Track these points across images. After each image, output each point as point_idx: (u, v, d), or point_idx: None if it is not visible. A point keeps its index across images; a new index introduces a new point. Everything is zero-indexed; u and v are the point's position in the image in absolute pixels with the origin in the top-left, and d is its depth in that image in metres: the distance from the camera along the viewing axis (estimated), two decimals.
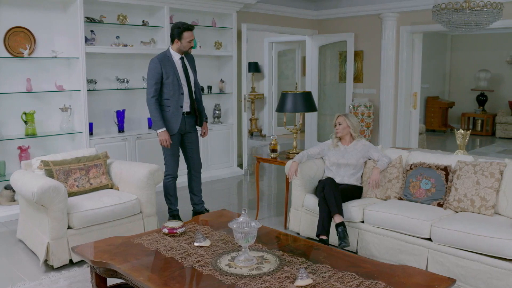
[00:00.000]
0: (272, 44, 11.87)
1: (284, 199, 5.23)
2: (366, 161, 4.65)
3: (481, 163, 4.02)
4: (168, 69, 4.74)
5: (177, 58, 4.83)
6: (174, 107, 4.79)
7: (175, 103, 4.79)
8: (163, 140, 4.76)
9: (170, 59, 4.79)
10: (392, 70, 8.33)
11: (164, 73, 4.72)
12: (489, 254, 3.45)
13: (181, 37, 4.74)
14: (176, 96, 4.78)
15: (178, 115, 4.82)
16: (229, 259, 2.97)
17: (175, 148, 4.92)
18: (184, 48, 4.79)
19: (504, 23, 6.38)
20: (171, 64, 4.77)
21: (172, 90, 4.76)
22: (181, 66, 4.84)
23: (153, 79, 4.71)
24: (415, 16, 7.98)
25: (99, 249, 3.14)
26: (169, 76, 4.74)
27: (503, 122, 11.44)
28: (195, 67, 5.06)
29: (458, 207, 3.99)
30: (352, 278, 2.70)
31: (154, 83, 4.71)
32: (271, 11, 8.22)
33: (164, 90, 4.77)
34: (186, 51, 4.82)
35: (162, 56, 4.79)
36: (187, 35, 4.75)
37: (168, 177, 4.98)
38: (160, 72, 4.70)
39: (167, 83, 4.74)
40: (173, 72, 4.76)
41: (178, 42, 4.76)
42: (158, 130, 4.75)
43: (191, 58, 5.02)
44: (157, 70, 4.71)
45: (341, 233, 4.06)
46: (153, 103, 4.72)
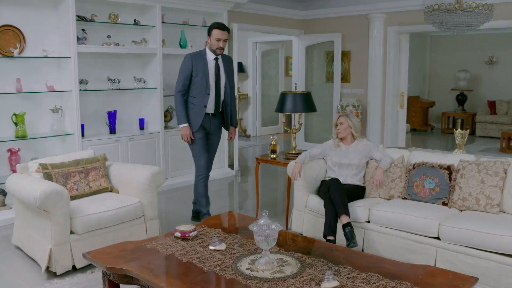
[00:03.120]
0: (256, 44, 11.84)
1: (285, 200, 5.21)
2: (368, 161, 4.65)
3: (484, 162, 4.07)
4: (199, 67, 4.72)
5: (211, 58, 4.78)
6: (198, 106, 4.79)
7: (199, 102, 4.77)
8: (184, 135, 4.80)
9: (204, 58, 4.76)
10: (380, 70, 8.40)
11: (194, 70, 4.71)
12: (498, 252, 3.49)
13: (210, 34, 4.72)
14: (201, 95, 4.76)
15: (200, 115, 4.80)
16: (249, 263, 2.92)
17: (201, 143, 4.91)
18: (212, 46, 4.73)
19: (493, 24, 6.49)
20: (203, 63, 4.74)
21: (199, 88, 4.74)
22: (213, 66, 4.79)
23: (182, 74, 4.75)
24: (402, 16, 8.07)
25: (112, 255, 3.05)
26: (199, 74, 4.72)
27: (482, 121, 11.67)
28: (232, 69, 5.01)
29: (463, 205, 4.02)
30: (376, 279, 2.69)
31: (183, 78, 4.74)
32: (260, 11, 8.19)
33: (191, 87, 4.77)
34: (215, 51, 4.75)
35: (197, 54, 4.80)
36: (216, 33, 4.69)
37: (200, 177, 4.94)
38: (190, 68, 4.71)
39: (195, 81, 4.73)
40: (203, 71, 4.73)
41: (209, 39, 4.74)
42: (180, 125, 4.79)
43: (229, 60, 4.98)
44: (187, 66, 4.72)
45: (349, 234, 4.04)
46: (178, 98, 4.76)
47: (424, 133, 12.47)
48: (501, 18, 6.51)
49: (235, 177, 7.51)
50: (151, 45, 6.34)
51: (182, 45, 6.79)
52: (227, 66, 4.93)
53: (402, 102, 8.57)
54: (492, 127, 11.50)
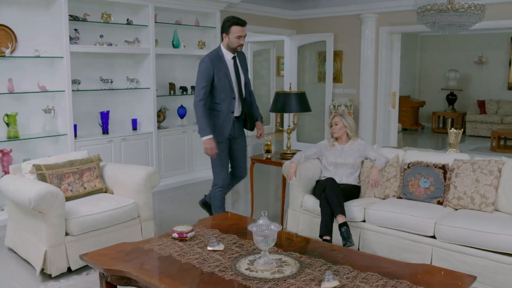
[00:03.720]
0: (248, 44, 11.82)
1: (280, 200, 5.20)
2: (363, 161, 4.67)
3: (479, 161, 4.10)
4: (220, 71, 4.27)
5: (229, 58, 4.33)
6: (225, 113, 4.34)
7: (226, 109, 4.33)
8: (208, 148, 4.27)
9: (222, 59, 4.30)
10: (372, 70, 8.44)
11: (215, 75, 4.24)
12: (494, 250, 3.52)
13: (228, 31, 4.23)
14: (227, 100, 4.32)
15: (228, 121, 4.36)
16: (247, 263, 2.91)
17: (223, 156, 4.47)
18: (232, 45, 4.26)
19: (483, 24, 6.54)
20: (224, 65, 4.29)
21: (224, 94, 4.29)
22: (233, 66, 4.35)
23: (203, 81, 4.22)
24: (394, 17, 8.11)
25: (109, 256, 3.02)
26: (221, 78, 4.26)
27: (472, 120, 11.77)
28: (247, 64, 4.58)
29: (458, 204, 4.05)
30: (376, 279, 2.69)
31: (204, 85, 4.22)
32: (253, 11, 8.19)
33: (215, 93, 4.29)
34: (235, 49, 4.30)
35: (214, 56, 4.30)
36: (235, 29, 4.21)
37: (217, 188, 4.57)
38: (211, 73, 4.22)
39: (219, 86, 4.27)
40: (225, 74, 4.29)
41: (226, 37, 4.25)
42: (204, 137, 4.26)
43: (242, 55, 4.51)
44: (208, 71, 4.22)
45: (345, 233, 4.05)
46: (200, 107, 4.24)
47: (415, 133, 12.55)
48: (490, 18, 6.57)
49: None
50: (143, 45, 6.31)
51: (175, 45, 6.76)
52: (243, 62, 4.50)
53: (394, 101, 8.61)
54: (482, 127, 11.60)
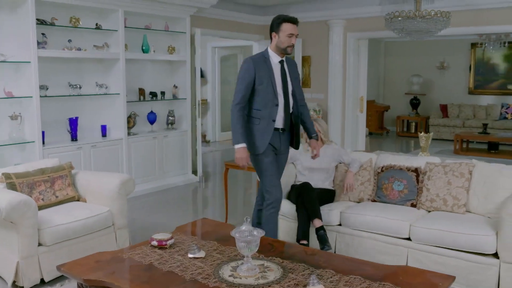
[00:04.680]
0: (215, 49, 11.81)
1: None
2: (337, 165, 4.72)
3: (450, 164, 4.21)
4: (263, 73, 3.83)
5: (276, 61, 3.89)
6: (265, 121, 3.86)
7: (266, 116, 3.86)
8: (239, 158, 3.80)
9: (267, 61, 3.87)
10: (340, 75, 8.56)
11: (257, 78, 3.81)
12: (466, 250, 3.62)
13: (279, 29, 3.79)
14: (269, 107, 3.85)
15: (268, 131, 3.87)
16: (230, 270, 2.89)
17: (275, 172, 3.97)
18: (282, 44, 3.80)
19: (445, 31, 6.71)
20: (268, 68, 3.85)
21: (265, 99, 3.84)
22: (279, 71, 3.89)
23: (243, 83, 3.82)
24: (361, 23, 8.25)
25: (87, 266, 2.94)
26: (263, 81, 3.82)
27: (435, 124, 12.08)
28: (298, 74, 4.11)
29: (431, 206, 4.15)
30: (359, 281, 2.72)
31: (243, 87, 3.81)
32: (222, 16, 8.20)
33: (255, 98, 3.85)
34: (285, 49, 3.84)
35: (258, 57, 3.90)
36: (286, 27, 3.78)
37: (270, 208, 3.94)
38: (253, 75, 3.80)
39: (260, 90, 3.83)
40: (269, 78, 3.84)
41: (276, 36, 3.82)
42: (236, 145, 3.80)
43: (293, 63, 4.08)
44: (249, 73, 3.80)
45: (322, 237, 4.09)
46: (236, 112, 3.80)
47: (380, 137, 12.78)
48: (452, 25, 6.74)
49: (199, 183, 7.45)
50: (113, 49, 6.20)
51: (145, 50, 6.69)
52: (293, 70, 4.03)
53: (362, 106, 8.75)
54: (445, 130, 11.92)
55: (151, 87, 7.00)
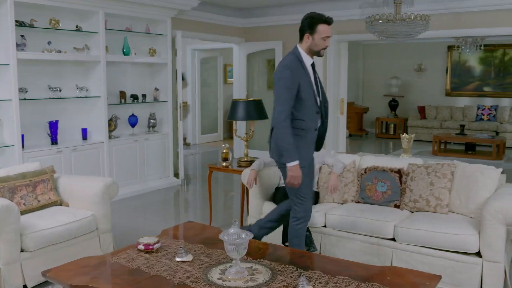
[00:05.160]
0: (195, 51, 11.78)
1: (237, 208, 5.20)
2: (320, 167, 4.74)
3: (432, 165, 4.27)
4: (304, 80, 3.43)
5: (309, 64, 3.52)
6: (309, 132, 3.52)
7: (310, 126, 3.52)
8: (294, 177, 3.40)
9: (304, 65, 3.48)
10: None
11: (300, 85, 3.40)
12: (450, 250, 3.68)
13: (314, 30, 3.40)
14: (312, 116, 3.51)
15: (312, 143, 3.60)
16: (219, 273, 2.88)
17: (310, 184, 3.69)
18: (317, 47, 3.45)
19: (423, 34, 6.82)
20: (306, 73, 3.48)
21: (308, 108, 3.47)
22: (312, 75, 3.55)
23: (288, 92, 3.36)
24: (341, 25, 8.30)
25: (74, 272, 2.90)
26: (306, 88, 3.43)
27: (414, 125, 12.24)
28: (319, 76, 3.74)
29: (414, 207, 4.20)
30: (348, 282, 2.73)
31: (289, 98, 3.36)
32: (203, 18, 8.18)
33: (298, 108, 3.43)
34: (319, 52, 3.49)
35: (293, 61, 3.48)
36: (323, 29, 3.40)
37: (297, 222, 3.67)
38: (297, 84, 3.38)
39: (304, 98, 3.43)
40: (309, 83, 3.47)
41: (309, 37, 3.43)
42: (291, 163, 3.38)
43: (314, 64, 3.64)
44: (294, 81, 3.37)
45: (307, 239, 4.10)
46: (287, 126, 3.37)
47: (360, 138, 12.90)
48: (431, 28, 6.86)
49: (181, 186, 7.40)
50: (94, 52, 6.13)
51: (125, 53, 6.62)
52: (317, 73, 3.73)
53: (342, 108, 8.82)
54: (423, 131, 12.09)
55: (132, 89, 6.93)
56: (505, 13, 6.97)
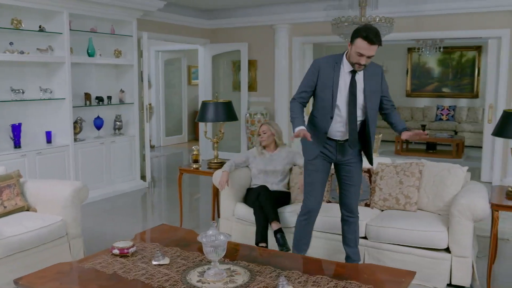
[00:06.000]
0: (159, 53, 11.66)
1: (211, 209, 5.19)
2: (291, 167, 4.78)
3: (401, 164, 4.38)
4: (327, 80, 3.41)
5: (347, 70, 3.40)
6: (318, 131, 3.54)
7: (321, 126, 3.52)
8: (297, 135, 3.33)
9: (337, 68, 3.40)
10: (286, 78, 8.69)
11: (319, 83, 3.42)
12: (419, 246, 3.79)
13: (353, 42, 3.30)
14: (324, 119, 3.48)
15: (320, 141, 3.55)
16: (197, 275, 2.87)
17: (314, 176, 3.63)
18: (351, 58, 3.33)
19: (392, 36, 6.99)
20: (335, 75, 3.40)
21: (323, 108, 3.48)
22: (348, 81, 3.40)
23: (304, 81, 3.51)
24: (306, 27, 8.42)
25: (48, 279, 2.82)
26: (324, 89, 3.42)
27: (377, 126, 12.43)
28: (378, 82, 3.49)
29: (384, 205, 4.29)
30: (326, 281, 2.77)
31: (303, 86, 3.51)
32: (169, 19, 8.12)
33: (315, 104, 3.54)
34: (353, 65, 3.34)
35: (329, 60, 3.45)
36: (360, 45, 3.23)
37: (300, 215, 3.73)
38: (315, 79, 3.43)
39: (319, 97, 3.47)
40: (331, 86, 3.40)
41: (350, 46, 3.35)
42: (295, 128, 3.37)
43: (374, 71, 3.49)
44: (313, 75, 3.44)
45: (281, 239, 4.14)
46: (294, 102, 3.53)
47: None
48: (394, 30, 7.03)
49: (148, 189, 7.31)
50: (58, 53, 5.98)
51: (90, 54, 6.49)
52: (373, 81, 3.46)
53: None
54: (385, 131, 12.31)
55: (97, 91, 6.80)
56: (463, 16, 7.22)
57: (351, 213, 3.72)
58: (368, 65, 3.38)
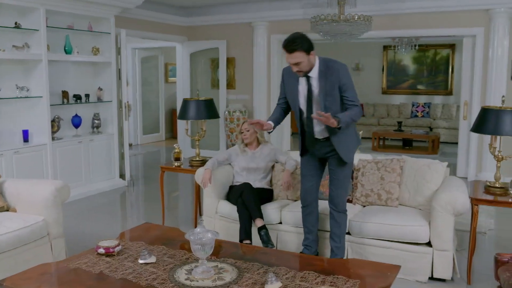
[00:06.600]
0: (136, 50, 11.55)
1: (191, 207, 5.18)
2: (273, 165, 4.81)
3: (382, 160, 4.44)
4: (290, 86, 3.68)
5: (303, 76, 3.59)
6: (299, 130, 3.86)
7: (299, 126, 3.84)
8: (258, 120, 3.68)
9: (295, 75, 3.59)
10: (264, 76, 8.71)
11: (286, 90, 3.73)
12: (401, 241, 3.86)
13: None
14: (297, 120, 3.77)
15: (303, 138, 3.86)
16: (185, 273, 2.87)
17: (303, 170, 3.94)
18: None
19: (369, 33, 7.08)
20: (295, 81, 3.62)
21: (295, 113, 3.75)
22: (305, 85, 3.58)
23: (280, 91, 3.85)
24: (284, 25, 8.44)
25: (34, 280, 2.78)
26: (291, 95, 3.70)
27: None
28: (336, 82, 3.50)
29: (366, 201, 4.35)
30: (314, 276, 2.80)
31: (279, 96, 3.85)
32: (147, 17, 8.06)
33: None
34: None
35: (289, 67, 3.63)
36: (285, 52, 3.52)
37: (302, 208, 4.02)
38: (283, 86, 3.77)
39: (290, 103, 3.76)
40: (293, 91, 3.65)
41: None
42: None
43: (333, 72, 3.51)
44: (281, 82, 3.79)
45: (265, 236, 4.15)
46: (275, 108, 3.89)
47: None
48: None
49: (127, 188, 7.25)
50: (34, 50, 5.87)
51: (67, 51, 6.39)
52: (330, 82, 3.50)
53: None
54: (361, 128, 12.47)
55: (74, 89, 6.70)
56: (439, 15, 7.36)
57: (334, 206, 3.82)
58: (326, 67, 3.51)
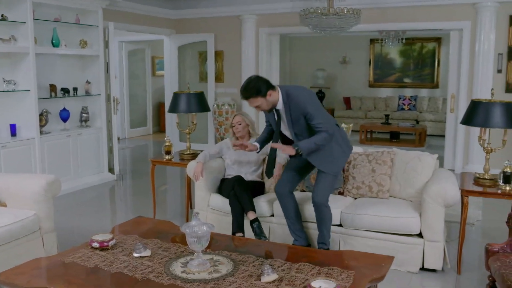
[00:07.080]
0: (122, 43, 11.45)
1: (182, 201, 5.17)
2: (265, 158, 4.82)
3: (373, 153, 4.48)
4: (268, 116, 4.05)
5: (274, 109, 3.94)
6: None
7: None
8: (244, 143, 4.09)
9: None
10: (253, 69, 8.69)
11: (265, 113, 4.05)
12: (393, 232, 3.90)
13: None
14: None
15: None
16: (181, 266, 2.87)
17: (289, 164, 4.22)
18: None
19: (357, 27, 7.10)
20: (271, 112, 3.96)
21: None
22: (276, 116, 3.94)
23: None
24: (273, 18, 8.45)
25: (28, 274, 2.76)
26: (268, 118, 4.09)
27: (340, 116, 12.68)
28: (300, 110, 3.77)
29: (357, 193, 4.39)
30: (309, 268, 2.83)
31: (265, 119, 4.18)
32: (134, 9, 8.00)
33: None
34: None
35: None
36: None
37: None
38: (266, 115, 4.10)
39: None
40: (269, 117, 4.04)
41: None
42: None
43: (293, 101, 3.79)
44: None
45: (257, 228, 4.17)
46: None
47: None
48: None
49: (116, 182, 7.21)
50: (21, 43, 5.79)
51: (55, 44, 6.32)
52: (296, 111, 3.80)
53: None
54: (348, 121, 12.53)
55: (62, 83, 6.63)
56: (426, 9, 7.41)
57: (312, 197, 3.98)
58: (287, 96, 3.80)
